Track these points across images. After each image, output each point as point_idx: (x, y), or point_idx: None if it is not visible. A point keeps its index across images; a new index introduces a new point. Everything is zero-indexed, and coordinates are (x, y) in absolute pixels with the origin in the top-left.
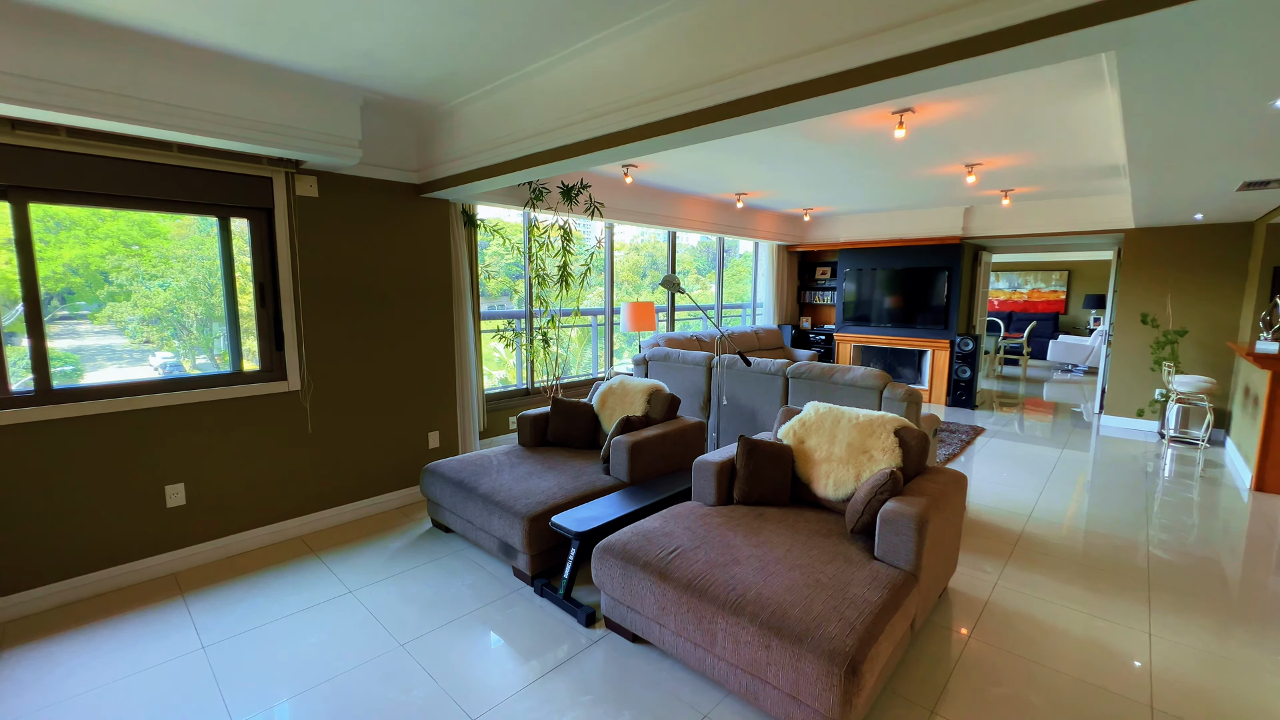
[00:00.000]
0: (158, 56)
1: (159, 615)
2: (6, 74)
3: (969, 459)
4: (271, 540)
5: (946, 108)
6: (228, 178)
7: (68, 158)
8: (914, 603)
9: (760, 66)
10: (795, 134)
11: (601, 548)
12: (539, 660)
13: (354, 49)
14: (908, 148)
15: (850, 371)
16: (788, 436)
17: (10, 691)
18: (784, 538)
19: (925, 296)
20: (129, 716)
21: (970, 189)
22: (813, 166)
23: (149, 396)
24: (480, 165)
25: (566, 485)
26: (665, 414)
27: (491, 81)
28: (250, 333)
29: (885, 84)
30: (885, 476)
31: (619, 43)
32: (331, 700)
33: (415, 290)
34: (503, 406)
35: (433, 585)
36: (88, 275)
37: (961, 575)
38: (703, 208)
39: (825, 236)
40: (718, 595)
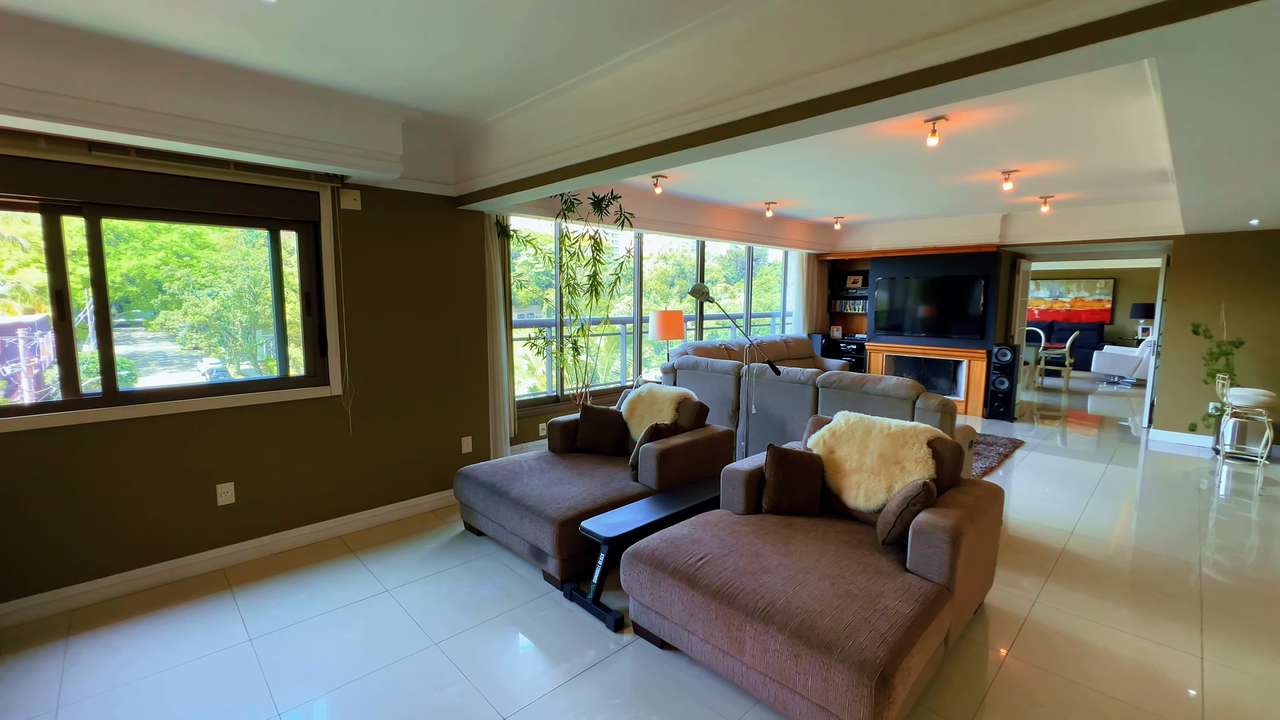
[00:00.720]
0: (221, 81)
1: (210, 608)
2: (92, 100)
3: (1007, 472)
4: (313, 539)
5: (981, 115)
6: (278, 193)
7: (136, 176)
8: (948, 617)
9: (792, 79)
10: (825, 144)
11: (630, 553)
12: (568, 663)
13: (399, 71)
14: (941, 155)
15: (882, 381)
16: (818, 446)
17: (77, 675)
18: (814, 548)
19: (960, 305)
20: (184, 703)
21: (1007, 196)
22: (844, 176)
23: (203, 400)
24: (514, 178)
25: (596, 491)
26: (694, 422)
27: (527, 98)
28: (295, 340)
29: (919, 94)
30: (918, 488)
31: (652, 58)
32: (369, 695)
33: (451, 299)
34: (533, 413)
35: (465, 586)
36: (143, 285)
37: (999, 591)
38: (732, 217)
39: (856, 245)
40: (746, 603)
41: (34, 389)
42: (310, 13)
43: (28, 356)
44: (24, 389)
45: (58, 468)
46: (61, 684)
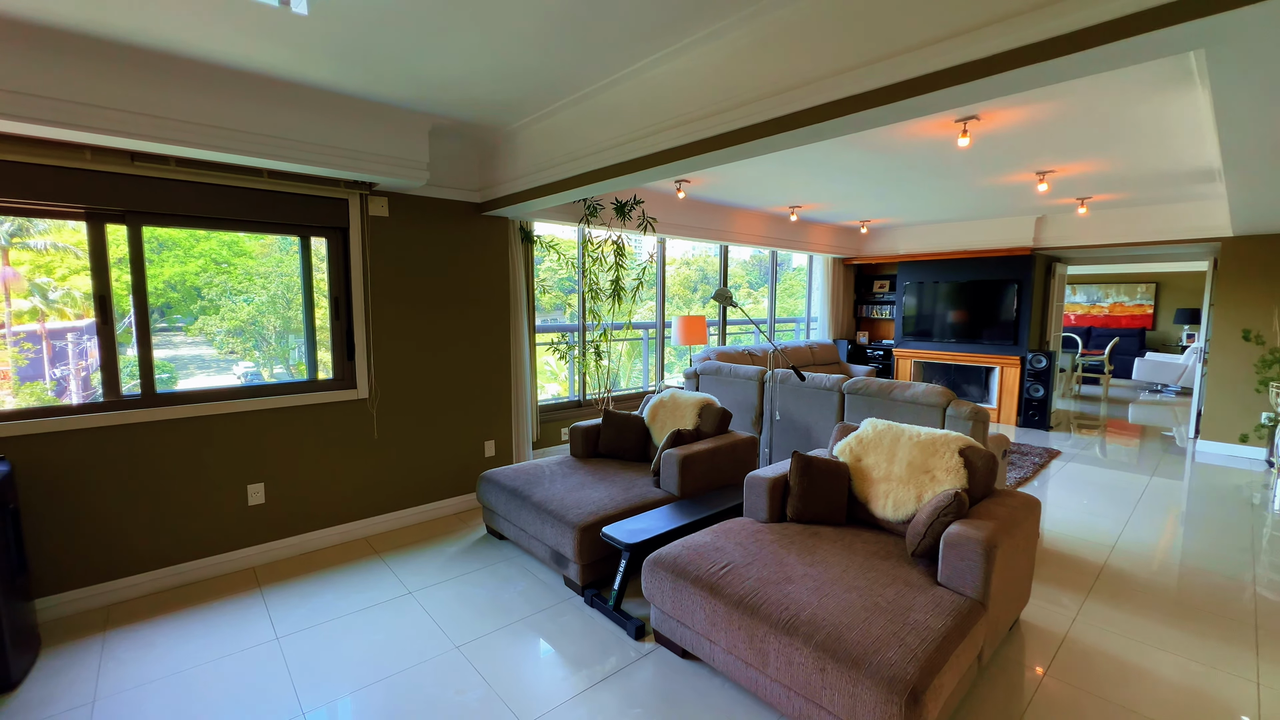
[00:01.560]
0: (255, 92)
1: (239, 606)
2: (135, 113)
3: (1042, 483)
4: (339, 540)
5: (1014, 114)
6: (309, 200)
7: (175, 185)
8: (981, 633)
9: (818, 80)
10: (852, 145)
11: (652, 560)
12: (589, 670)
13: (428, 80)
14: (972, 156)
15: (911, 388)
16: (844, 454)
17: (114, 668)
18: (840, 558)
19: (992, 310)
20: (214, 698)
21: (1042, 197)
22: (871, 178)
23: (236, 402)
24: (538, 184)
25: (617, 497)
26: (716, 428)
27: (551, 104)
28: (324, 344)
29: (949, 92)
30: (949, 498)
31: (676, 62)
32: (391, 696)
33: (475, 304)
34: (555, 418)
35: (487, 590)
36: (184, 291)
37: (1035, 607)
38: (756, 221)
39: (884, 249)
40: (770, 614)
41: (81, 390)
42: (343, 26)
43: (76, 359)
44: (72, 390)
45: (99, 466)
46: (99, 677)
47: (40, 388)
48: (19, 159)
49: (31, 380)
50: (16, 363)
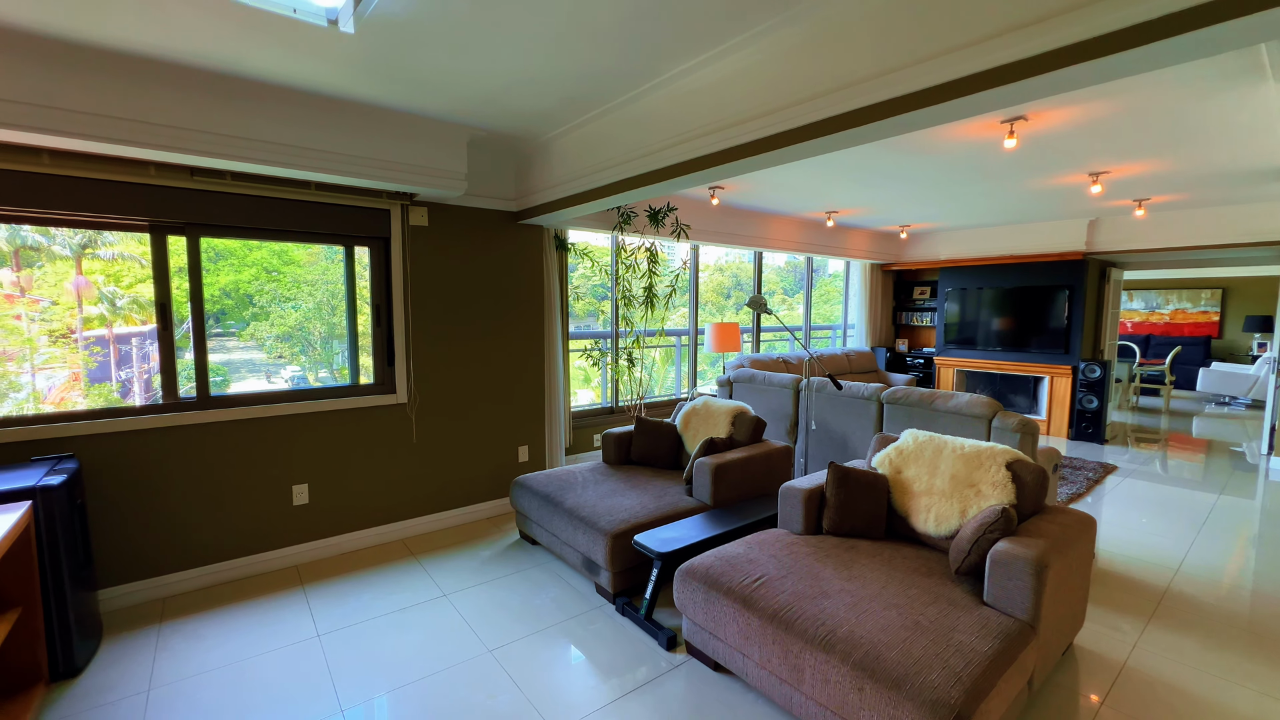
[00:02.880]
0: (305, 107)
1: (283, 603)
2: (195, 130)
3: (1097, 500)
4: (377, 541)
5: (1064, 113)
6: (353, 211)
7: (230, 198)
8: (1031, 657)
9: (857, 82)
10: (892, 149)
11: (684, 570)
12: (620, 679)
13: (469, 94)
14: (1020, 158)
15: (954, 398)
16: (883, 465)
17: (168, 658)
18: (878, 573)
19: (1041, 318)
20: (260, 691)
21: (1095, 199)
22: (911, 182)
23: (281, 405)
24: (573, 192)
25: (649, 504)
26: (750, 437)
27: (587, 113)
28: (366, 349)
29: (997, 92)
30: (996, 514)
31: (711, 68)
32: (425, 697)
33: (510, 311)
34: (587, 424)
35: (519, 595)
36: (237, 298)
37: (1091, 632)
38: (791, 227)
39: (924, 254)
40: (805, 629)
41: (143, 392)
42: (386, 43)
43: (139, 363)
44: (135, 392)
45: (156, 465)
46: (154, 666)
47: (108, 389)
48: (92, 175)
49: (100, 382)
50: (87, 365)
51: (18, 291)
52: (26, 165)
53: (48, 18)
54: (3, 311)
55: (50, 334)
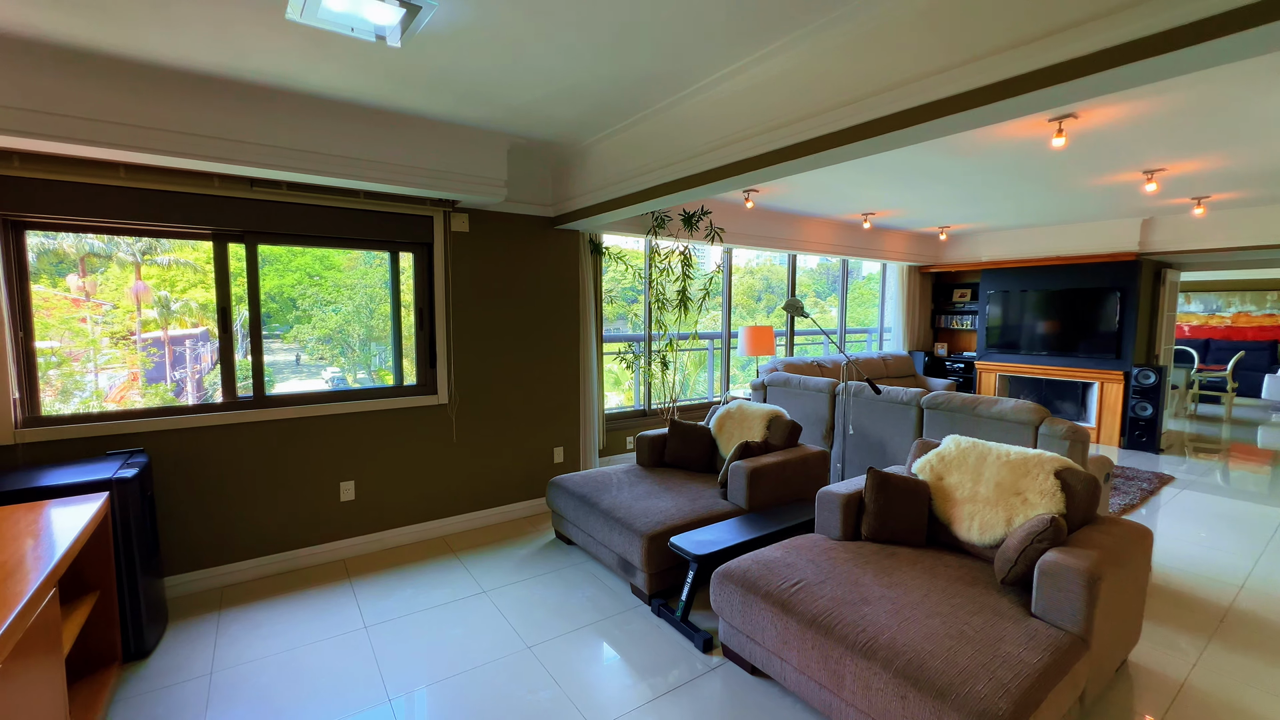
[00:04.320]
0: (357, 119)
1: (332, 595)
2: (256, 144)
3: (1151, 511)
4: (419, 538)
5: (1117, 110)
6: (399, 218)
7: (286, 207)
8: (1084, 672)
9: (899, 85)
10: (934, 149)
11: (721, 573)
12: (656, 680)
13: (511, 104)
14: (1068, 157)
15: (998, 403)
16: (923, 472)
17: (228, 643)
18: (920, 581)
19: (1090, 321)
20: (312, 678)
21: (1149, 198)
22: (953, 183)
23: (332, 405)
24: (609, 197)
25: (684, 507)
26: (785, 441)
27: (625, 119)
28: (407, 352)
29: (1046, 92)
30: (1045, 523)
31: (750, 73)
32: (468, 689)
33: (546, 315)
34: (620, 426)
35: (556, 593)
36: (282, 302)
37: (1147, 649)
38: (826, 229)
39: (965, 256)
40: (845, 635)
41: (195, 392)
42: (431, 56)
43: (192, 364)
44: (188, 391)
45: (215, 460)
46: (215, 651)
47: (163, 389)
48: (162, 187)
49: (155, 382)
50: (144, 366)
51: (83, 296)
52: (105, 179)
53: (132, 42)
54: (69, 314)
55: (111, 336)
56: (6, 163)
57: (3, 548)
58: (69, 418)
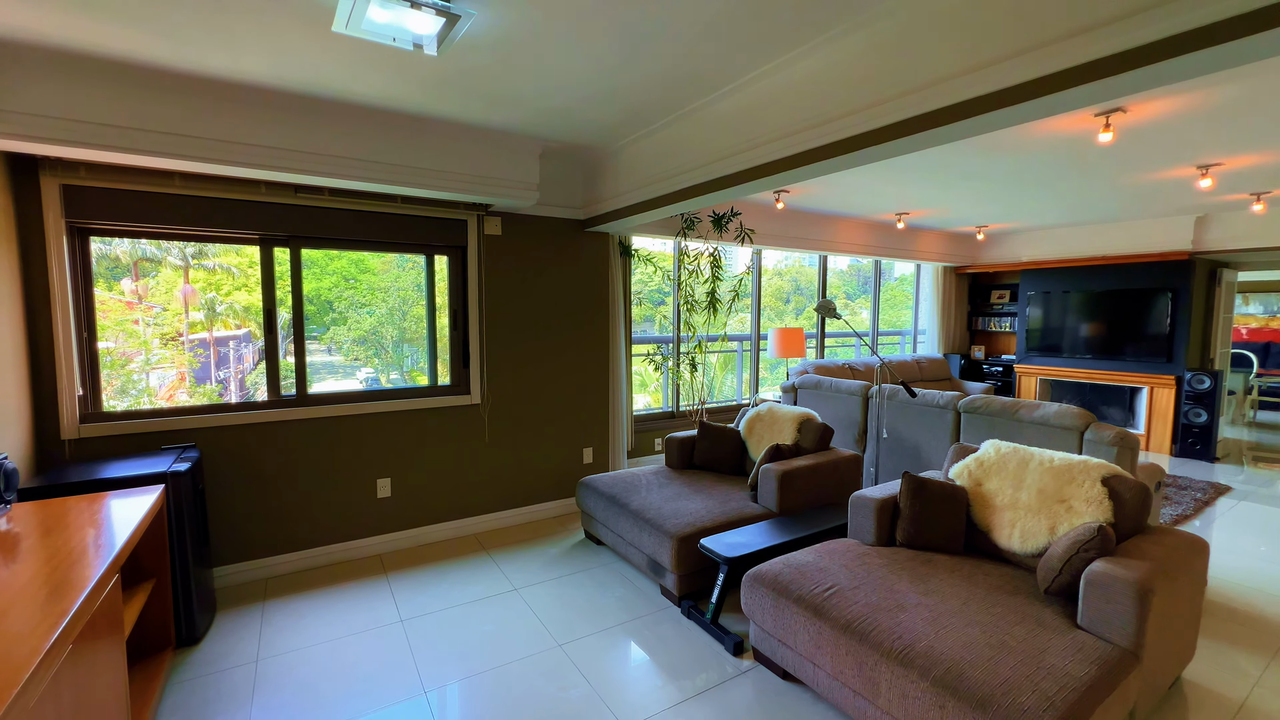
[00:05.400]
0: (394, 127)
1: (369, 589)
2: (302, 152)
3: (1206, 523)
4: (452, 535)
5: (1169, 103)
6: (435, 222)
7: (327, 212)
8: (1134, 687)
9: (938, 82)
10: (973, 147)
11: (752, 576)
12: (687, 682)
13: (544, 109)
14: (1116, 153)
15: (1040, 408)
16: (961, 477)
17: (274, 632)
18: (959, 589)
19: (1138, 323)
20: (351, 669)
21: (1204, 194)
22: (991, 181)
23: (370, 403)
24: (639, 200)
25: (714, 509)
26: (817, 444)
27: (656, 121)
28: (441, 353)
29: (1096, 85)
30: (1091, 531)
31: (783, 73)
32: (501, 684)
33: (576, 316)
34: (649, 428)
35: (585, 593)
36: (319, 304)
37: (1202, 667)
38: (859, 230)
39: (1003, 256)
40: (881, 641)
41: (238, 391)
42: (467, 64)
43: (235, 364)
44: (231, 390)
45: (261, 457)
46: (260, 639)
47: (209, 389)
48: (214, 195)
49: (202, 381)
50: (191, 366)
51: (136, 299)
52: (162, 187)
53: (191, 58)
54: (123, 316)
55: (161, 337)
56: (74, 173)
57: (70, 536)
58: (127, 414)
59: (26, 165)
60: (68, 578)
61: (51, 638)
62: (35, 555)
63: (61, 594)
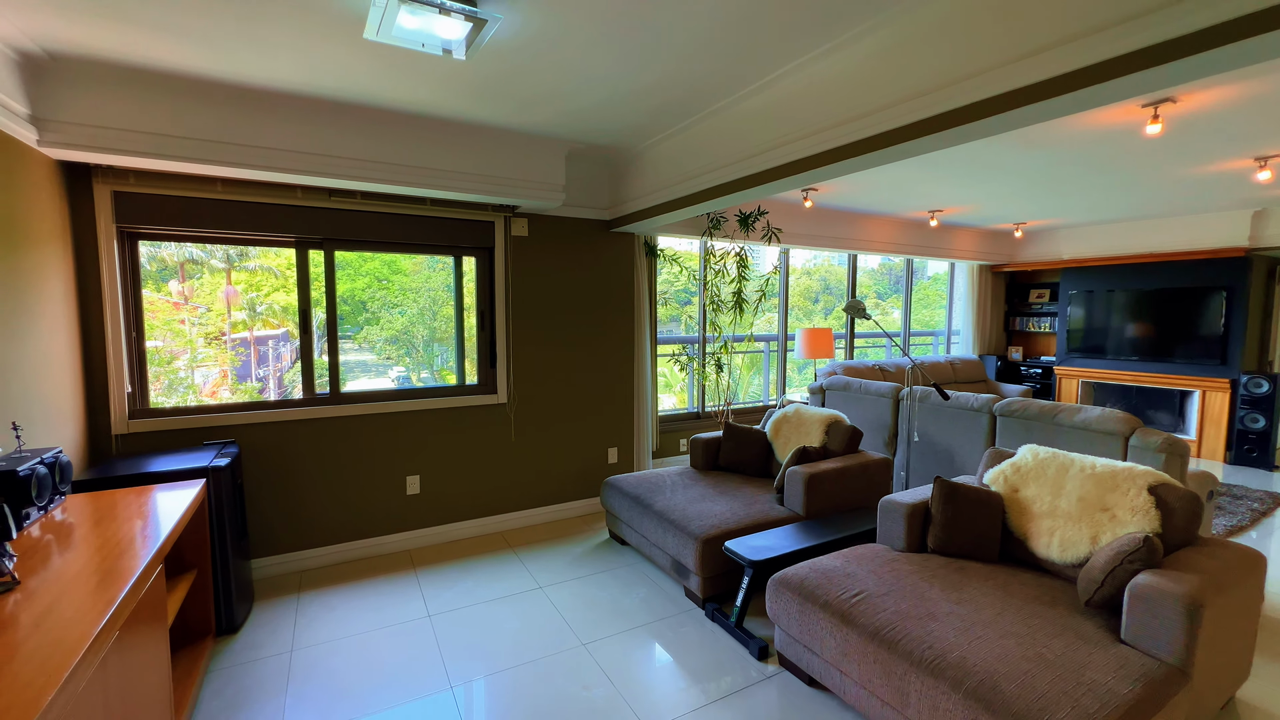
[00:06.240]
0: (426, 130)
1: (398, 584)
2: (336, 156)
3: (1264, 535)
4: (479, 532)
5: (1224, 91)
6: (463, 224)
7: (359, 215)
8: (1182, 707)
9: (974, 75)
10: (1011, 141)
11: (777, 580)
12: (710, 685)
13: (568, 110)
14: (1165, 145)
15: (1082, 412)
16: (996, 482)
17: (307, 624)
18: (993, 599)
19: (1189, 323)
20: (381, 662)
21: (1262, 187)
22: (1030, 177)
23: (400, 402)
24: (666, 199)
25: (739, 511)
26: (845, 447)
27: (682, 120)
28: (469, 353)
29: (1144, 75)
30: (1137, 542)
31: (817, 66)
32: (525, 682)
33: (601, 317)
34: (673, 428)
35: (609, 593)
36: (353, 304)
37: (1259, 686)
38: (890, 228)
39: (1043, 254)
40: (910, 650)
41: (276, 389)
42: (495, 68)
43: (274, 362)
44: (270, 388)
45: (296, 453)
46: (295, 630)
47: (250, 386)
48: (252, 199)
49: (243, 380)
50: (232, 364)
51: (182, 300)
52: (204, 192)
53: (229, 66)
54: (170, 317)
55: (205, 336)
56: (124, 180)
57: (119, 527)
58: (171, 410)
59: (80, 173)
60: (116, 567)
61: (100, 624)
62: (87, 544)
63: (110, 582)
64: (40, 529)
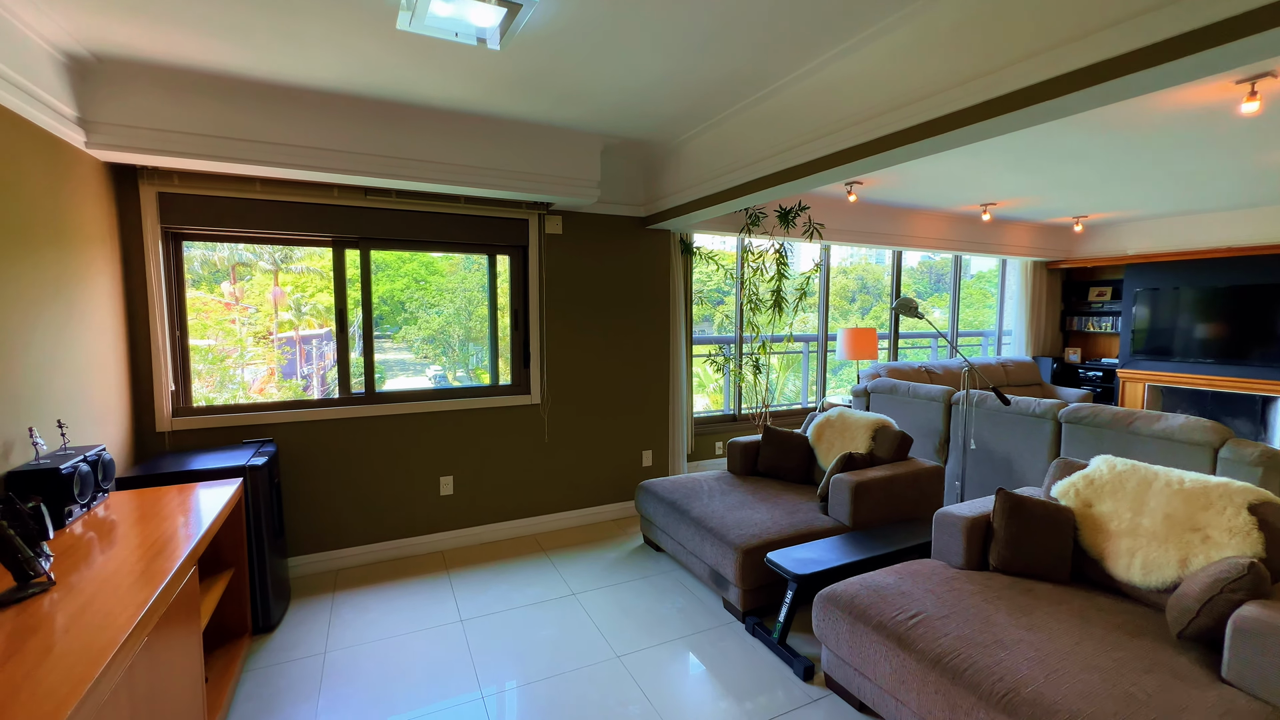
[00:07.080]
0: (459, 126)
1: (431, 586)
2: (371, 155)
3: None
4: (511, 534)
5: None
6: (497, 222)
7: (394, 214)
8: None
9: (1036, 54)
10: (1078, 125)
11: (825, 597)
12: (752, 705)
13: (607, 104)
14: (1259, 125)
15: (1163, 420)
16: (1066, 496)
17: (341, 624)
18: (1069, 626)
19: (1270, 323)
20: (412, 665)
21: None
22: (1097, 164)
23: (434, 402)
24: (702, 195)
25: (780, 520)
26: (894, 454)
27: (720, 113)
28: (502, 352)
29: (1242, 44)
30: (1240, 568)
31: (861, 52)
32: (559, 694)
33: (637, 316)
34: (709, 431)
35: (645, 601)
36: (392, 305)
37: None
38: (938, 223)
39: (1104, 249)
40: (979, 683)
41: (320, 387)
42: (529, 59)
43: (318, 361)
44: (314, 387)
45: (331, 452)
46: (329, 631)
47: (294, 384)
48: (289, 199)
49: (289, 377)
50: (279, 362)
51: (233, 300)
52: (244, 193)
53: (265, 64)
54: (222, 317)
55: (254, 335)
56: (168, 181)
57: (157, 525)
58: (211, 408)
59: (127, 175)
60: (150, 568)
61: (129, 629)
62: (125, 542)
63: (143, 583)
64: (82, 526)
